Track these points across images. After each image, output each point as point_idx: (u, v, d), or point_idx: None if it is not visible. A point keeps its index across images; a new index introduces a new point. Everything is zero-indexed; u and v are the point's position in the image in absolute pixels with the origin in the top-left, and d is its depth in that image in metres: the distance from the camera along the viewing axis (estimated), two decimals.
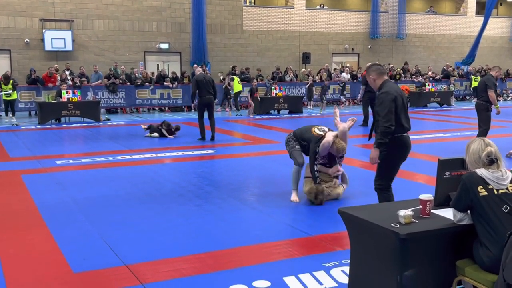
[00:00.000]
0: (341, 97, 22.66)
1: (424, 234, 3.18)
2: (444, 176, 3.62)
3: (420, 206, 3.44)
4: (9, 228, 5.55)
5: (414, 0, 31.08)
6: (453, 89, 24.32)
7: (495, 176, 3.19)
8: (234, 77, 20.32)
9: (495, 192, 3.16)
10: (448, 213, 3.45)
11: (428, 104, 22.19)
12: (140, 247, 4.92)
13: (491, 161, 3.23)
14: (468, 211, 3.24)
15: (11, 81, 16.36)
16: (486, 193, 3.14)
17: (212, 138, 12.12)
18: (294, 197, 6.56)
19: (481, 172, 3.21)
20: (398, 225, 3.21)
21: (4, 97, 16.25)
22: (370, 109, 14.18)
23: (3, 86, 16.17)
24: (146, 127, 13.27)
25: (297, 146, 6.63)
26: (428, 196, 3.44)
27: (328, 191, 6.49)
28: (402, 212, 3.26)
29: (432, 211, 3.48)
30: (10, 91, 16.16)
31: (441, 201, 3.64)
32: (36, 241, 5.11)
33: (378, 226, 3.25)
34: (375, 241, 3.34)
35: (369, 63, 16.63)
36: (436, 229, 3.23)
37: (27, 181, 7.77)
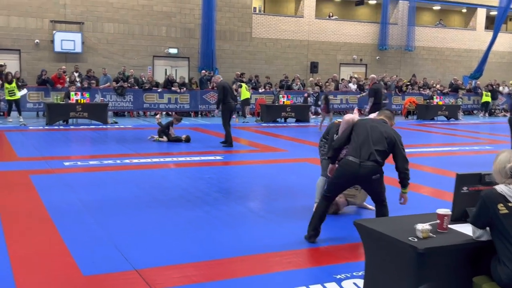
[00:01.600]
0: (313, 107, 21.33)
1: (442, 249, 3.14)
2: (462, 191, 3.60)
3: (438, 221, 3.41)
4: (19, 229, 5.53)
5: (423, 13, 31.12)
6: (460, 103, 24.27)
7: None
8: (242, 84, 20.34)
9: None
10: (465, 229, 3.42)
11: (435, 117, 22.15)
12: (149, 251, 4.90)
13: None
14: (487, 228, 3.20)
15: (14, 80, 16.43)
16: (506, 211, 3.10)
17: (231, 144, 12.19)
18: None
19: (501, 189, 3.17)
20: (416, 239, 3.18)
21: (7, 97, 16.27)
22: None
23: (6, 85, 16.20)
24: (160, 121, 13.12)
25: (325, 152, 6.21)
26: (446, 211, 3.41)
27: (351, 200, 6.46)
28: (419, 226, 3.23)
29: (449, 226, 3.45)
30: (19, 91, 16.26)
31: (458, 216, 3.60)
32: (45, 243, 5.09)
33: (395, 240, 3.21)
34: (391, 254, 3.31)
35: (373, 75, 16.70)
36: (454, 244, 3.20)
37: (36, 181, 7.76)
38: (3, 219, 5.79)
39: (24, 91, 17.31)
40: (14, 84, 16.30)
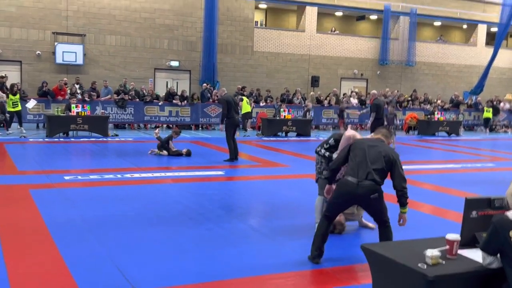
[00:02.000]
0: None
1: (452, 277, 3.08)
2: (471, 216, 3.54)
3: (447, 246, 3.35)
4: (18, 246, 5.44)
5: (424, 29, 31.25)
6: (462, 118, 24.26)
7: None
8: (243, 97, 20.33)
9: None
10: (474, 254, 3.36)
11: (436, 133, 22.12)
12: (151, 271, 4.82)
13: None
14: (498, 255, 3.14)
15: (18, 91, 16.47)
16: None
17: (236, 158, 12.07)
18: None
19: None
20: (425, 266, 3.12)
21: (10, 108, 16.24)
22: None
23: (10, 96, 16.20)
24: (159, 135, 12.97)
25: (324, 172, 6.14)
26: (455, 237, 3.35)
27: (350, 218, 6.40)
28: (429, 252, 3.17)
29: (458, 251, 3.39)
30: (26, 102, 16.38)
31: (467, 241, 3.54)
32: (45, 261, 5.01)
33: (404, 266, 3.15)
34: (400, 280, 3.24)
35: (374, 91, 16.70)
36: (465, 272, 3.14)
37: (36, 196, 7.69)
38: (2, 235, 5.72)
39: (33, 102, 17.31)
40: (18, 96, 16.35)
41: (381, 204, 4.95)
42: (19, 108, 16.41)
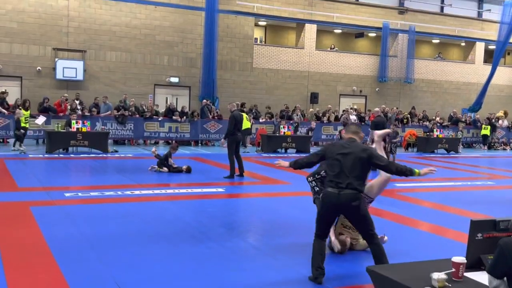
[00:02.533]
0: None
1: None
2: (476, 238, 3.54)
3: (453, 269, 3.34)
4: (19, 264, 5.41)
5: (422, 46, 31.45)
6: (461, 136, 24.31)
7: None
8: (243, 113, 20.34)
9: None
10: (480, 277, 3.35)
11: (436, 150, 22.15)
12: None
13: None
14: (505, 278, 3.13)
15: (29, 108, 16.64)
16: None
17: (242, 175, 12.12)
18: None
19: None
20: None
21: (23, 124, 16.14)
22: None
23: (24, 112, 16.23)
24: (157, 153, 13.00)
25: (317, 191, 6.22)
26: (461, 259, 3.35)
27: (352, 242, 6.34)
28: (435, 275, 3.17)
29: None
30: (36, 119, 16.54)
31: (472, 263, 3.54)
32: (46, 279, 4.98)
33: None
34: None
35: (376, 108, 16.74)
36: None
37: (36, 213, 7.65)
38: (3, 253, 5.69)
39: (43, 119, 17.30)
40: (29, 112, 16.45)
41: (364, 212, 4.99)
42: (28, 124, 16.49)
